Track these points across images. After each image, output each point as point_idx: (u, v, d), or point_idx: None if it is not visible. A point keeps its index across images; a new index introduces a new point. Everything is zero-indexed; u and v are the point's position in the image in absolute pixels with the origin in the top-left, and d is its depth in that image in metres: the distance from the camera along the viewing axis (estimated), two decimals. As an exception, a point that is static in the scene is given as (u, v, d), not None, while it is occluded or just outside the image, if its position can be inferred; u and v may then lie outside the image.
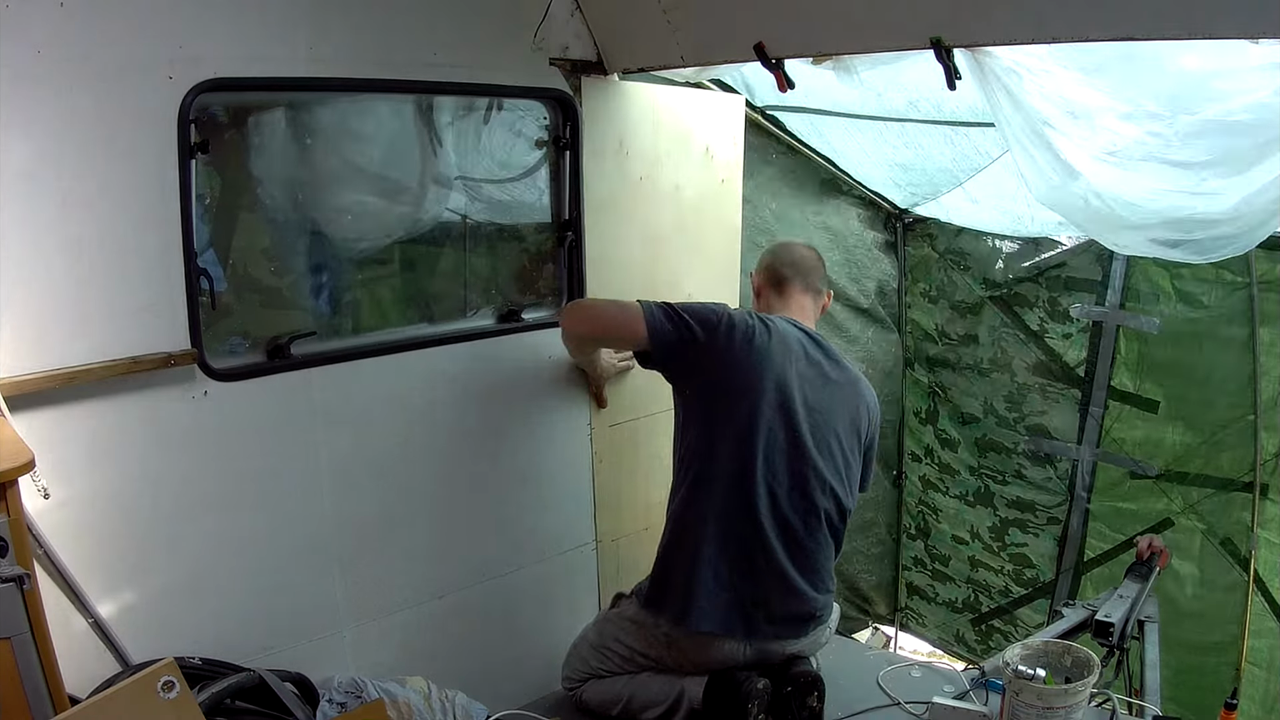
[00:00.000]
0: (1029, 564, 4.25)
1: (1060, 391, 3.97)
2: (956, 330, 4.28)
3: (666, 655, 2.57)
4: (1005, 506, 4.26)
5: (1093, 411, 3.85)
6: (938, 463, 4.50)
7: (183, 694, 1.67)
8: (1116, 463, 3.84)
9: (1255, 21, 1.74)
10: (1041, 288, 3.96)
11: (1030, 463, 4.12)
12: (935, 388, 4.42)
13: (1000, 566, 4.37)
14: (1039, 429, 4.04)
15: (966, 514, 4.43)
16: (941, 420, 4.43)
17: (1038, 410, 4.05)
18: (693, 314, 2.50)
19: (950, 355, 4.31)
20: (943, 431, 4.43)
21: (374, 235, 2.65)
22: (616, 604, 2.79)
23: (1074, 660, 2.37)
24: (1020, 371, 4.08)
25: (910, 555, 4.82)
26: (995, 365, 4.15)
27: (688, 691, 2.51)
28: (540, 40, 2.68)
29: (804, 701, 2.49)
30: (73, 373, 1.98)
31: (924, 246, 4.36)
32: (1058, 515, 4.08)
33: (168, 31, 2.03)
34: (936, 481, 4.54)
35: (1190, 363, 3.58)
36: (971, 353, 4.23)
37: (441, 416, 2.70)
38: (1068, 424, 3.96)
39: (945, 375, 4.36)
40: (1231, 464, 3.52)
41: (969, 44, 2.13)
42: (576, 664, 2.75)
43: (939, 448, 4.47)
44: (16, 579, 1.60)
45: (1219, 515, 3.58)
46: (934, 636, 4.83)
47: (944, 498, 4.52)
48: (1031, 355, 4.04)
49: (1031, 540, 4.21)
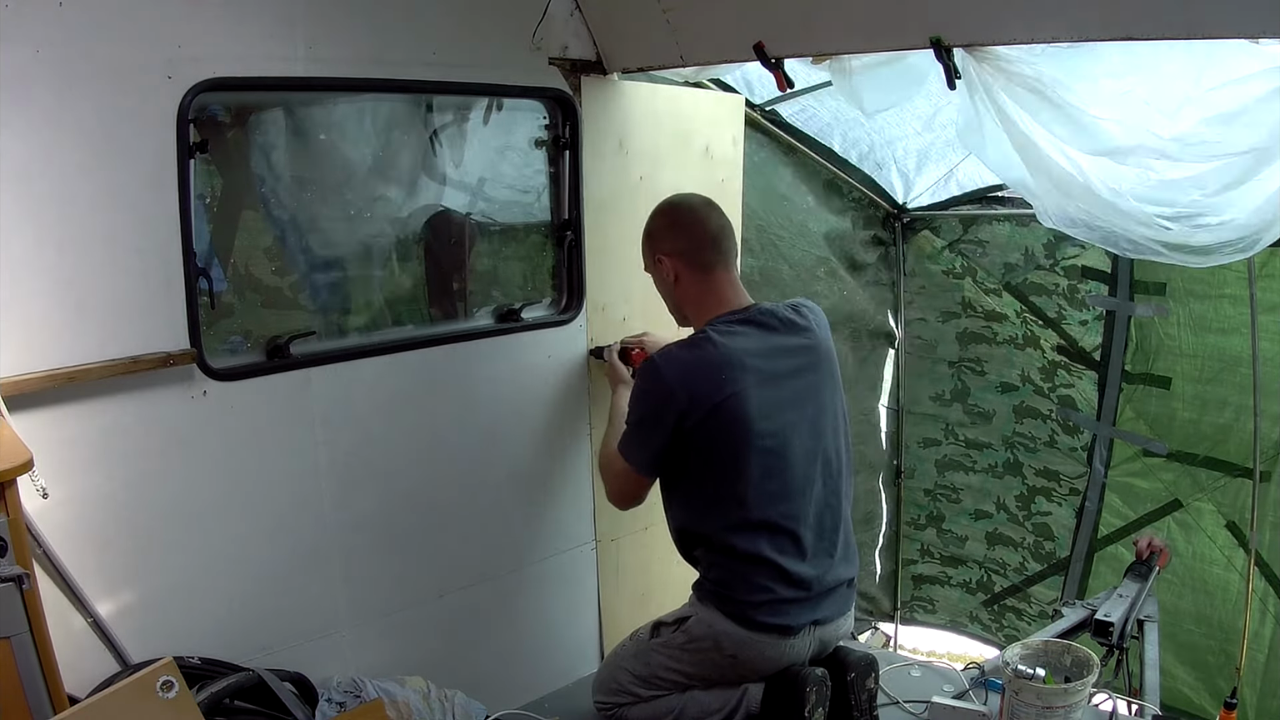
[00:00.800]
0: (1049, 535, 4.37)
1: (1081, 371, 4.11)
2: (985, 306, 4.39)
3: (730, 672, 2.42)
4: (1034, 475, 4.39)
5: (1108, 392, 3.97)
6: (963, 440, 4.60)
7: (182, 694, 1.68)
8: (1130, 440, 3.94)
9: (1255, 21, 1.74)
10: (1060, 276, 4.05)
11: (1061, 430, 4.25)
12: (964, 365, 4.50)
13: (1021, 539, 4.50)
14: (1068, 400, 4.17)
15: (993, 486, 4.54)
16: (974, 394, 4.52)
17: (1066, 384, 4.18)
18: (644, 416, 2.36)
19: (986, 331, 4.42)
20: (974, 405, 4.53)
21: (373, 234, 2.65)
22: (658, 633, 2.53)
23: (1074, 660, 2.37)
24: (1047, 349, 4.22)
25: (915, 548, 4.88)
26: (1027, 341, 4.28)
27: (749, 693, 2.41)
28: (539, 40, 2.68)
29: (863, 684, 2.43)
30: (72, 373, 1.98)
31: (927, 233, 4.40)
32: (1078, 486, 4.20)
33: (167, 31, 2.03)
34: (961, 459, 4.64)
35: (1199, 349, 3.66)
36: (1005, 329, 4.35)
37: (441, 416, 2.70)
38: (1089, 400, 4.09)
39: (982, 349, 4.45)
40: (1238, 449, 3.57)
41: (969, 43, 2.13)
42: (614, 690, 2.56)
43: (967, 424, 4.57)
44: (16, 579, 1.60)
45: (1226, 499, 3.65)
46: (945, 620, 4.91)
47: (967, 475, 4.63)
48: (1052, 338, 4.18)
49: (1055, 510, 4.33)
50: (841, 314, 4.31)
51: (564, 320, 2.92)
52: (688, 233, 2.44)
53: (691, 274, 2.43)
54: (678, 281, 2.46)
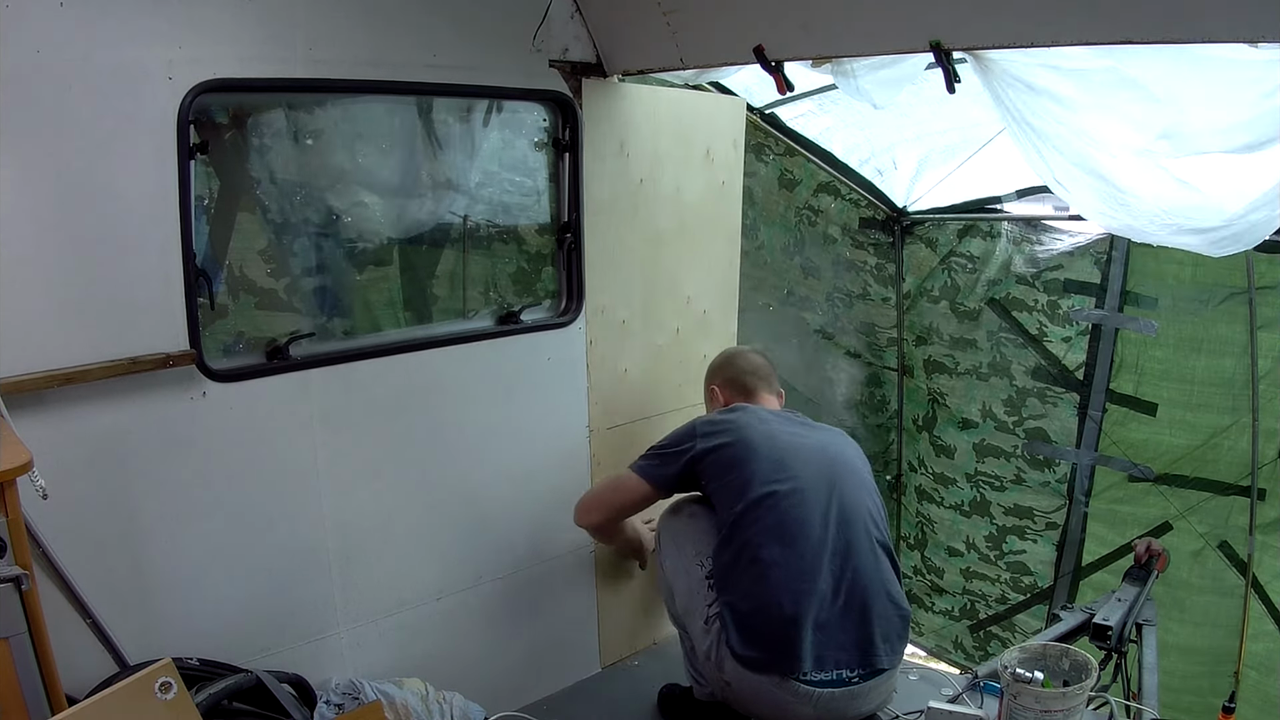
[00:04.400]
0: (1026, 571, 4.24)
1: (1059, 395, 3.97)
2: (954, 334, 4.27)
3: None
4: (1002, 514, 4.26)
5: (1091, 415, 3.85)
6: (932, 473, 4.50)
7: (180, 695, 1.67)
8: (1115, 466, 3.84)
9: (1255, 24, 1.74)
10: (1040, 291, 3.96)
11: (1029, 466, 4.11)
12: (934, 394, 4.43)
13: (997, 576, 4.37)
14: (1038, 433, 4.04)
15: (961, 525, 4.42)
16: (939, 426, 4.42)
17: (1037, 414, 4.05)
18: (674, 440, 2.66)
19: (948, 361, 4.31)
20: (938, 438, 4.42)
21: (373, 236, 2.65)
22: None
23: (1072, 663, 2.36)
24: (1019, 375, 4.08)
25: (909, 565, 4.82)
26: (994, 369, 4.15)
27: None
28: (540, 42, 2.68)
29: None
30: (72, 373, 1.98)
31: (923, 248, 4.36)
32: (1056, 520, 4.08)
33: (167, 32, 2.03)
34: (931, 492, 4.53)
35: (1188, 365, 3.58)
36: (970, 357, 4.23)
37: (439, 418, 2.70)
38: (1066, 428, 3.96)
39: (943, 381, 4.35)
40: (1229, 468, 3.52)
41: (968, 47, 2.13)
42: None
43: (934, 456, 4.46)
44: (15, 579, 1.60)
45: (1217, 519, 3.59)
46: (931, 644, 4.83)
47: (939, 509, 4.51)
48: (1031, 359, 4.04)
49: (1030, 547, 4.20)
50: (846, 322, 4.31)
51: (563, 323, 2.92)
52: (735, 364, 2.95)
53: (737, 396, 2.87)
54: (726, 405, 2.84)
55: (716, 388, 2.93)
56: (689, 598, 2.54)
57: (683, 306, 3.25)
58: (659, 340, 3.20)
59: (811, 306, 4.51)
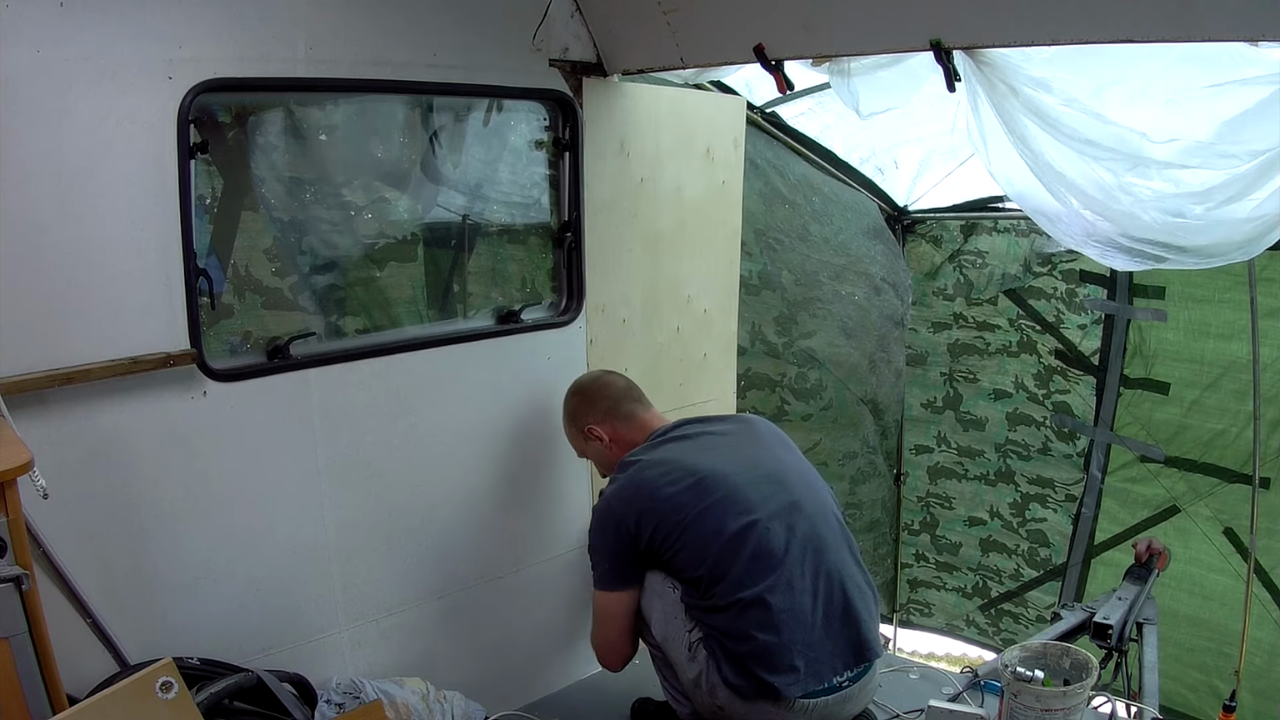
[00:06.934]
0: (1044, 542, 4.39)
1: (1079, 376, 4.12)
2: (977, 318, 4.41)
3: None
4: (1026, 483, 4.42)
5: (1107, 397, 3.98)
6: (955, 447, 4.60)
7: (181, 694, 1.68)
8: (1129, 446, 3.94)
9: (1255, 23, 1.74)
10: (1058, 280, 4.04)
11: (1055, 438, 4.27)
12: (956, 375, 4.47)
13: (1015, 546, 4.52)
14: (1063, 406, 4.18)
15: (985, 494, 4.57)
16: (966, 403, 4.53)
17: (1061, 389, 4.21)
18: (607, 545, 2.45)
19: (979, 343, 4.44)
20: (966, 413, 4.54)
21: (374, 235, 2.65)
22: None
23: (1072, 662, 2.37)
24: (1044, 354, 4.24)
25: (911, 552, 4.88)
26: (1023, 348, 4.31)
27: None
28: (540, 41, 2.68)
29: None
30: (72, 373, 1.98)
31: (927, 246, 4.40)
32: (1074, 493, 4.22)
33: (167, 32, 2.03)
34: (954, 467, 4.64)
35: (1198, 354, 3.68)
36: (1000, 337, 4.38)
37: (440, 418, 2.70)
38: (1088, 404, 4.11)
39: (972, 361, 4.47)
40: (1236, 455, 3.57)
41: (968, 45, 2.13)
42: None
43: (960, 431, 4.57)
44: (15, 579, 1.60)
45: (1223, 505, 3.63)
46: (941, 624, 4.90)
47: (960, 483, 4.65)
48: (1050, 342, 4.20)
49: (1050, 516, 4.36)
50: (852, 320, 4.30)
51: (564, 322, 2.92)
52: (602, 395, 2.67)
53: (621, 426, 2.63)
54: (613, 442, 2.63)
55: (595, 427, 2.64)
56: (666, 624, 2.43)
57: (683, 305, 3.24)
58: (659, 339, 3.19)
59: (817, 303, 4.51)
